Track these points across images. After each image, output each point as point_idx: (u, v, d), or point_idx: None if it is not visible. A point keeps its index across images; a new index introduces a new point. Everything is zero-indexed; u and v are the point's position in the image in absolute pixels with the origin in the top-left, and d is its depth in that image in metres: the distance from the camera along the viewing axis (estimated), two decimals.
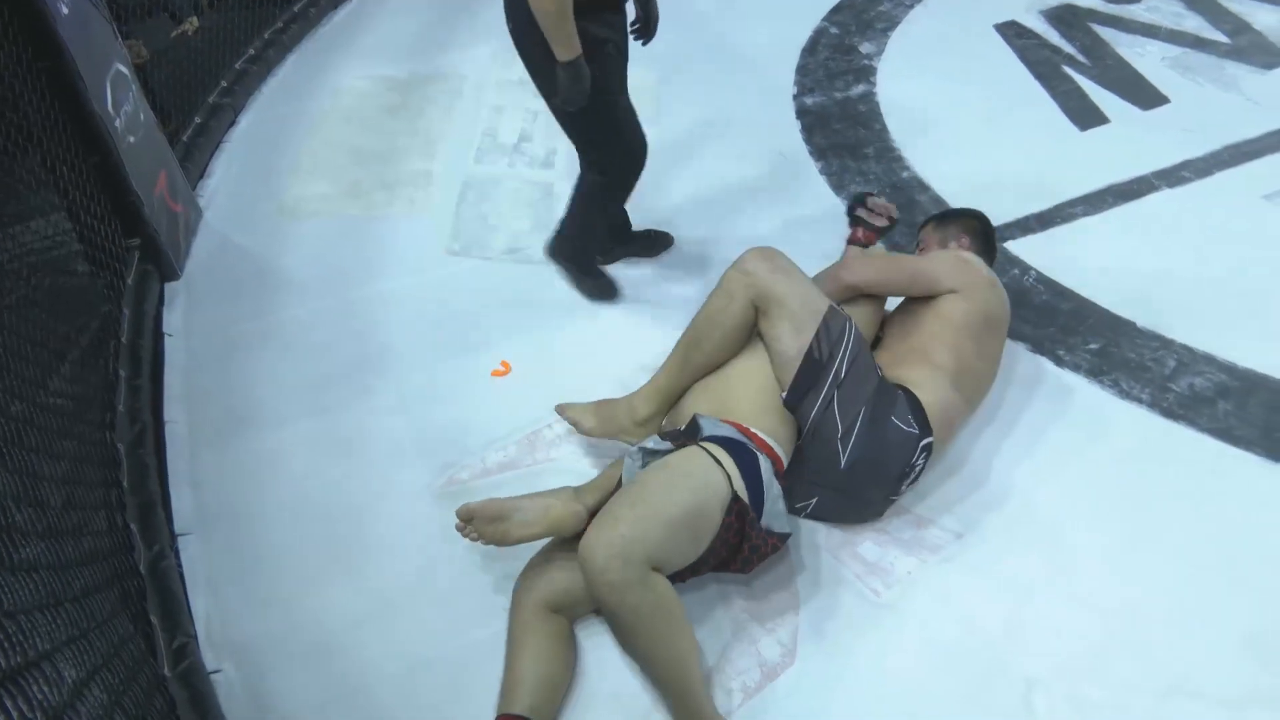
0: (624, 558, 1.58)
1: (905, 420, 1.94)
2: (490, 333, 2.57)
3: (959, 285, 2.14)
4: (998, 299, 2.19)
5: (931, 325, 2.12)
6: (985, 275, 2.20)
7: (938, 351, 2.08)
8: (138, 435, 2.19)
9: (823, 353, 1.92)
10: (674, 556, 1.70)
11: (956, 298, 2.12)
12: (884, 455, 1.94)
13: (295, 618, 1.93)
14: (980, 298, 2.14)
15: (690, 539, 1.72)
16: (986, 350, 2.16)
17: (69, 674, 1.34)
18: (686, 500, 1.71)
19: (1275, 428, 2.26)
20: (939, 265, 2.19)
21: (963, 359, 2.09)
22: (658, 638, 1.65)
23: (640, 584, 1.60)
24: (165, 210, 2.71)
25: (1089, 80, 3.56)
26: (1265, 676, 1.79)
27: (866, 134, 3.34)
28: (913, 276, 2.20)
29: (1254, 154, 3.17)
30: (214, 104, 3.39)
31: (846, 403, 1.92)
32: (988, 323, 2.14)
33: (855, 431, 1.92)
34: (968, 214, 2.46)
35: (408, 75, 3.72)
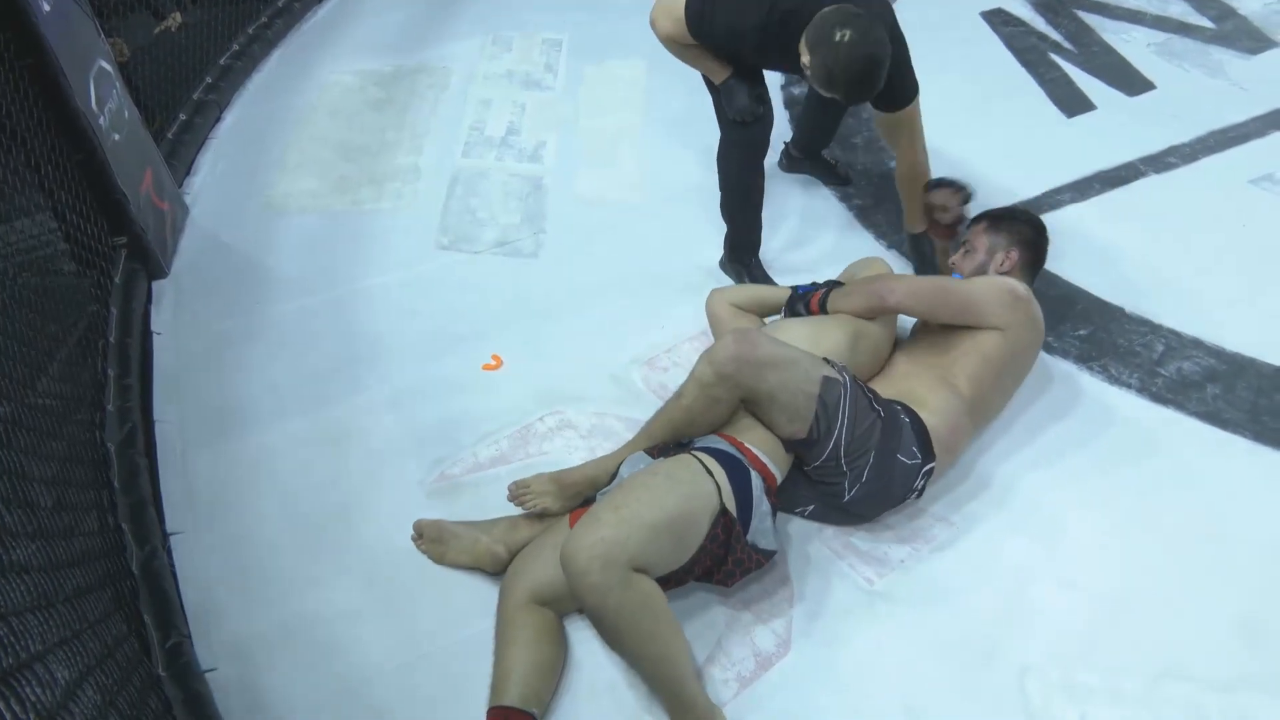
0: (605, 559, 1.58)
1: (910, 453, 1.92)
2: (480, 327, 2.57)
3: (1005, 324, 2.07)
4: (1036, 338, 2.15)
5: (963, 354, 2.07)
6: (1031, 315, 2.12)
7: (961, 380, 2.04)
8: (128, 435, 2.18)
9: (820, 431, 1.87)
10: (656, 560, 1.68)
11: (997, 335, 2.07)
12: (887, 487, 1.94)
13: (289, 615, 1.93)
14: (1021, 338, 2.10)
15: (674, 545, 1.71)
16: (1008, 385, 2.16)
17: (62, 675, 1.34)
18: (673, 505, 1.70)
19: (1263, 410, 2.27)
20: (988, 302, 2.09)
21: (983, 391, 2.07)
22: (644, 636, 1.64)
23: (622, 585, 1.59)
24: (151, 208, 2.69)
25: (1075, 67, 3.57)
26: (1255, 659, 1.81)
27: (854, 123, 3.34)
28: (958, 312, 2.10)
29: (1240, 139, 3.18)
30: (199, 100, 3.37)
31: (851, 457, 1.89)
32: (1018, 360, 2.13)
33: (863, 475, 1.91)
34: (1023, 221, 2.34)
35: (393, 69, 3.70)
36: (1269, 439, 2.21)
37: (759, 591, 1.94)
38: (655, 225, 2.90)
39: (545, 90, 3.59)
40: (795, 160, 3.08)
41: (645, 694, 1.77)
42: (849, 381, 1.92)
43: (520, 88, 3.61)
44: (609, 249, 2.84)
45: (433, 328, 2.58)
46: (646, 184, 3.10)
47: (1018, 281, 2.17)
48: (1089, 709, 1.74)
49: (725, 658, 1.84)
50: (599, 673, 1.82)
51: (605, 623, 1.64)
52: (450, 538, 1.98)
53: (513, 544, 1.94)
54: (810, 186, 3.08)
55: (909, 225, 2.61)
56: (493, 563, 1.94)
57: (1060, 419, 2.28)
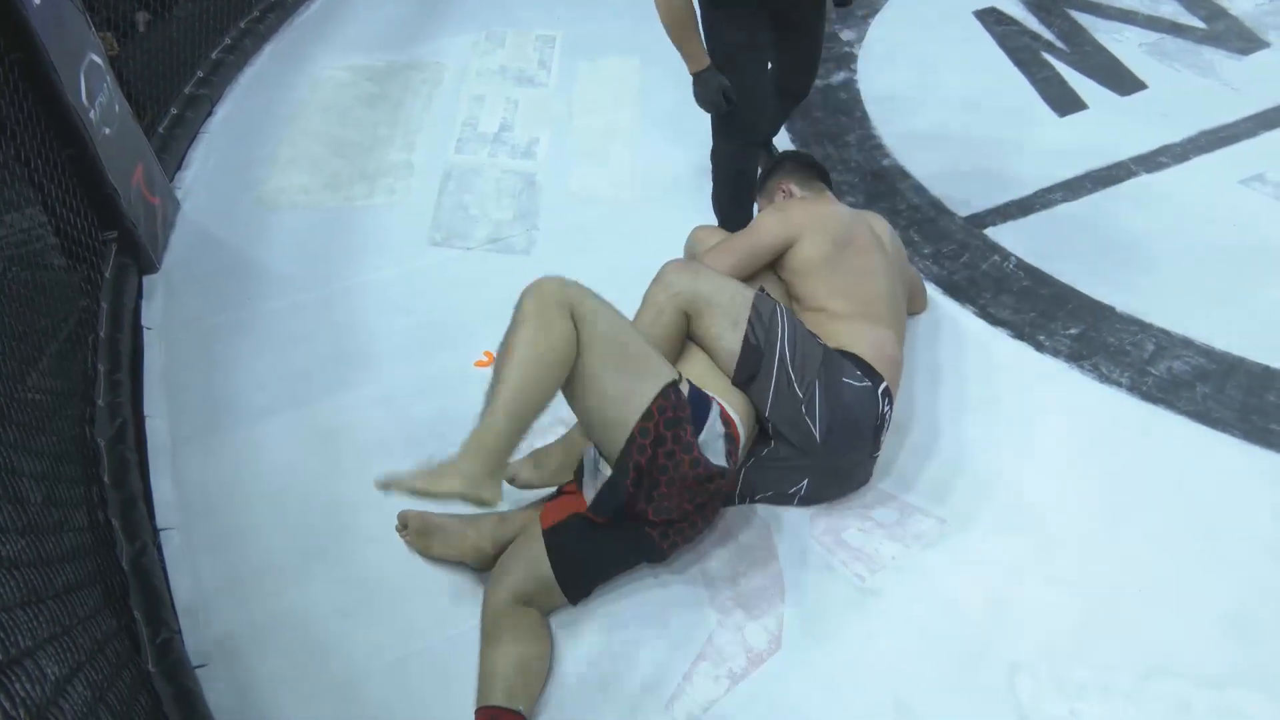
0: (563, 283, 1.74)
1: (855, 376, 1.98)
2: (472, 323, 2.56)
3: (790, 234, 2.16)
4: (834, 218, 2.19)
5: (802, 284, 2.16)
6: (805, 208, 2.22)
7: (829, 305, 2.11)
8: (118, 430, 2.18)
9: (759, 338, 1.95)
10: (597, 345, 1.72)
11: (798, 246, 2.15)
12: (852, 415, 1.96)
13: (280, 611, 1.92)
14: (813, 230, 2.15)
15: (619, 352, 1.75)
16: (860, 265, 2.16)
17: (52, 671, 1.33)
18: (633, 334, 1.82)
19: (1252, 409, 2.29)
20: (764, 229, 2.21)
21: (851, 293, 2.11)
22: (519, 356, 1.67)
23: (551, 307, 1.70)
24: (143, 203, 2.68)
25: (1067, 66, 3.58)
26: (1245, 655, 1.82)
27: (847, 121, 3.35)
28: (750, 250, 2.20)
29: (1230, 139, 3.19)
30: (190, 95, 3.35)
31: (799, 378, 1.95)
32: (839, 244, 2.15)
33: (816, 402, 1.94)
34: (776, 161, 2.48)
35: (386, 65, 3.69)
36: (1258, 438, 2.23)
37: (751, 589, 1.94)
38: (648, 222, 2.90)
39: (538, 87, 3.59)
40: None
41: (635, 690, 1.78)
42: (782, 307, 2.02)
43: (514, 84, 3.60)
44: (602, 246, 2.84)
45: (425, 324, 2.58)
46: (639, 181, 3.10)
47: (776, 205, 2.30)
48: (1079, 705, 1.75)
49: (717, 654, 1.84)
50: (589, 669, 1.82)
51: (513, 322, 1.72)
52: (436, 530, 1.98)
53: (500, 540, 1.93)
54: None
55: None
56: (478, 558, 1.94)
57: (1051, 417, 2.29)
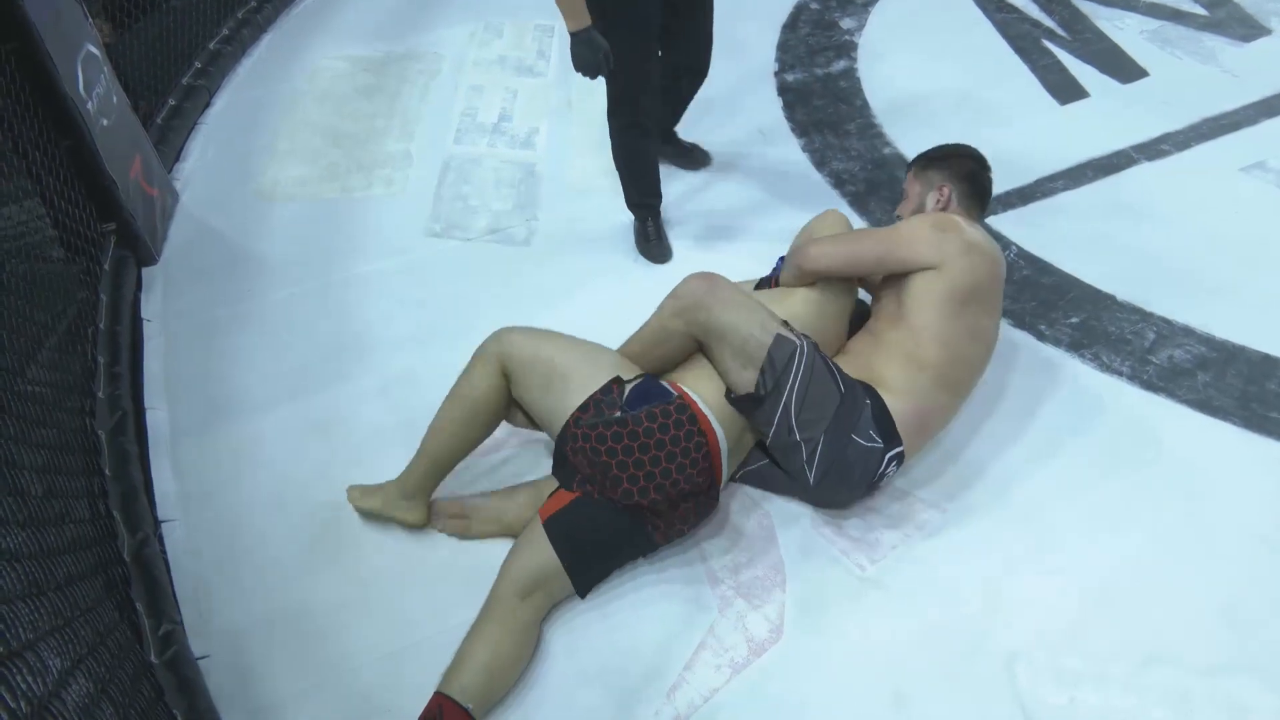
0: (495, 339, 1.94)
1: (867, 436, 1.87)
2: (472, 314, 2.56)
3: (935, 260, 1.93)
4: (984, 264, 1.95)
5: (913, 311, 1.94)
6: (965, 240, 1.95)
7: (924, 344, 1.93)
8: (118, 422, 2.18)
9: (766, 387, 1.85)
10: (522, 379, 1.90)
11: (935, 275, 1.93)
12: (849, 469, 1.89)
13: (280, 603, 1.93)
14: (962, 269, 1.92)
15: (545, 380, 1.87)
16: (978, 325, 1.98)
17: (54, 663, 1.33)
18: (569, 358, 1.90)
19: (1252, 398, 2.29)
20: (909, 239, 1.97)
21: (952, 346, 1.94)
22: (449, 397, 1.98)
23: (479, 360, 1.95)
24: (141, 194, 2.67)
25: (1068, 54, 3.57)
26: (1242, 644, 1.82)
27: (848, 110, 3.33)
28: (881, 258, 2.00)
29: (1232, 126, 3.18)
30: (188, 85, 3.34)
31: (801, 430, 1.86)
32: (974, 295, 1.94)
33: (817, 454, 1.88)
34: (954, 154, 2.20)
35: (384, 55, 3.67)
36: (1258, 426, 2.23)
37: (752, 578, 1.95)
38: None
39: (537, 76, 3.57)
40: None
41: (637, 679, 1.78)
42: (807, 347, 1.88)
43: (512, 74, 3.59)
44: (601, 235, 2.83)
45: (424, 316, 2.57)
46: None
47: (934, 215, 2.03)
48: (1077, 694, 1.75)
49: (718, 643, 1.84)
50: (591, 658, 1.83)
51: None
52: (474, 511, 2.03)
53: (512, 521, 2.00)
54: (802, 174, 3.07)
55: None
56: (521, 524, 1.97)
57: (1051, 406, 2.29)
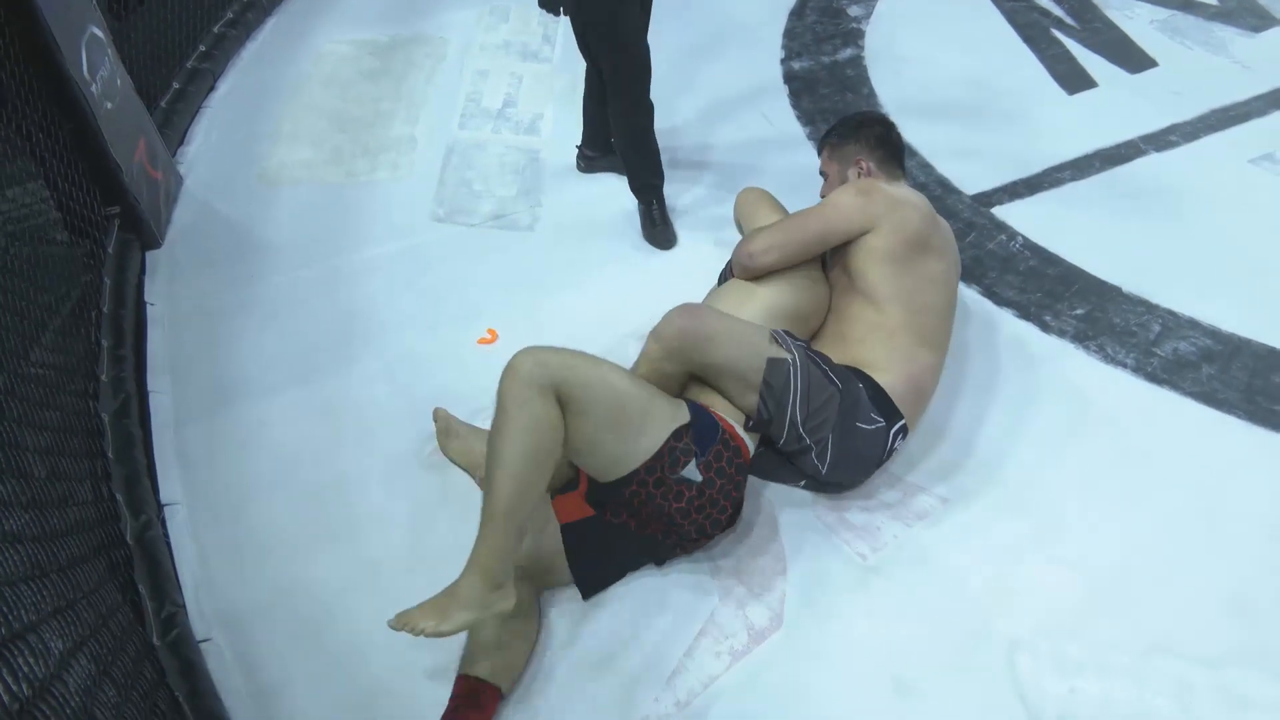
0: (543, 363, 1.64)
1: (869, 420, 1.91)
2: (476, 300, 2.56)
3: (867, 223, 2.00)
4: (913, 213, 2.01)
5: (863, 277, 2.00)
6: (888, 196, 2.03)
7: (885, 309, 1.98)
8: (121, 405, 2.18)
9: (770, 411, 1.87)
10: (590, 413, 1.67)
11: (872, 237, 1.99)
12: (860, 454, 1.95)
13: (283, 586, 1.93)
14: (894, 224, 1.99)
15: (614, 417, 1.70)
16: (930, 271, 2.02)
17: (56, 645, 1.34)
18: (629, 387, 1.74)
19: (1257, 391, 2.28)
20: (837, 210, 2.04)
21: (912, 301, 1.99)
22: (510, 448, 1.62)
23: (532, 389, 1.62)
24: (145, 178, 2.67)
25: (1077, 43, 3.54)
26: (1244, 635, 1.82)
27: (855, 98, 3.32)
28: (820, 236, 2.05)
29: (1241, 118, 3.16)
30: (193, 68, 3.34)
31: (810, 434, 1.89)
32: (915, 244, 2.00)
33: (828, 449, 1.91)
34: (860, 124, 2.23)
35: (389, 39, 3.66)
36: (1263, 419, 2.22)
37: (753, 567, 1.95)
38: None
39: (543, 62, 3.56)
40: (592, 160, 2.97)
41: (637, 666, 1.78)
42: (798, 359, 1.89)
43: (518, 59, 3.57)
44: (605, 222, 2.82)
45: (428, 301, 2.57)
46: None
47: (855, 184, 2.09)
48: (1078, 683, 1.75)
49: (718, 631, 1.85)
50: (591, 645, 1.83)
51: (499, 410, 1.65)
52: (454, 436, 2.12)
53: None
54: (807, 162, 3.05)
55: None
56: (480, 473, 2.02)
57: (1055, 397, 2.28)
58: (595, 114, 2.85)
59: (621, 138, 2.67)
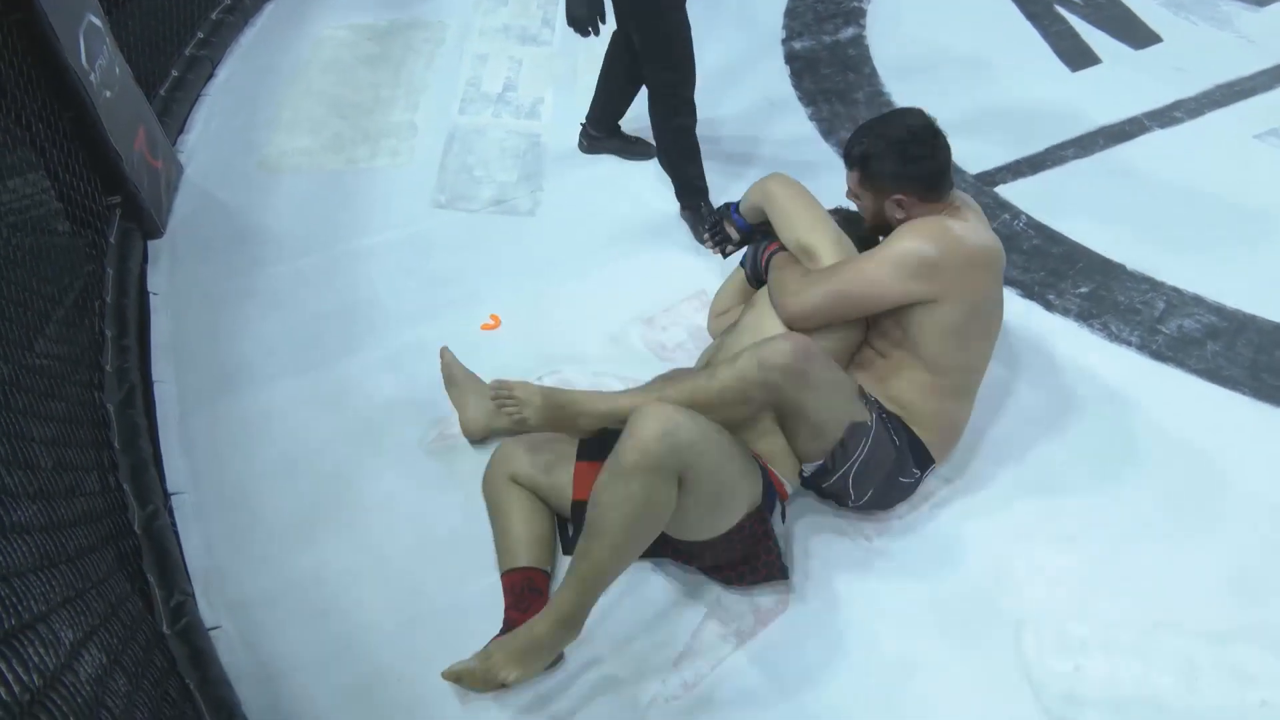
0: (673, 443, 1.54)
1: (910, 474, 1.92)
2: (478, 286, 2.55)
3: (932, 294, 1.78)
4: (984, 276, 1.81)
5: (919, 342, 1.84)
6: (959, 262, 1.76)
7: (939, 372, 1.87)
8: (126, 395, 2.18)
9: (834, 464, 1.84)
10: (695, 494, 1.62)
11: (934, 306, 1.79)
12: (893, 498, 1.98)
13: (291, 574, 1.94)
14: (963, 295, 1.79)
15: (713, 499, 1.69)
16: (986, 328, 1.92)
17: (66, 635, 1.35)
18: (734, 474, 1.71)
19: (1263, 368, 2.27)
20: (895, 286, 1.78)
21: (970, 365, 1.93)
22: (619, 534, 1.58)
23: (661, 474, 1.54)
24: (145, 166, 2.66)
25: (1080, 19, 3.51)
26: (1248, 611, 1.83)
27: (856, 78, 3.30)
28: (873, 308, 1.86)
29: (1246, 93, 3.14)
30: (191, 56, 3.32)
31: (858, 487, 1.89)
32: (980, 313, 1.86)
33: (867, 499, 1.93)
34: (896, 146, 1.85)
35: (388, 23, 3.64)
36: (1268, 396, 2.21)
37: None
38: (653, 182, 2.87)
39: (543, 45, 3.54)
40: (595, 140, 2.96)
41: (644, 648, 1.79)
42: (875, 423, 1.83)
43: (517, 43, 3.55)
44: (607, 207, 2.82)
45: (430, 287, 2.57)
46: (644, 138, 3.06)
47: (920, 237, 1.78)
48: (1083, 661, 1.76)
49: (724, 613, 1.85)
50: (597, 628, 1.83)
51: (621, 464, 1.56)
52: (451, 382, 2.15)
53: (493, 426, 2.08)
54: (810, 143, 3.04)
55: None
56: (467, 427, 2.11)
57: (1060, 377, 2.28)
58: (611, 93, 2.83)
59: (672, 148, 2.64)
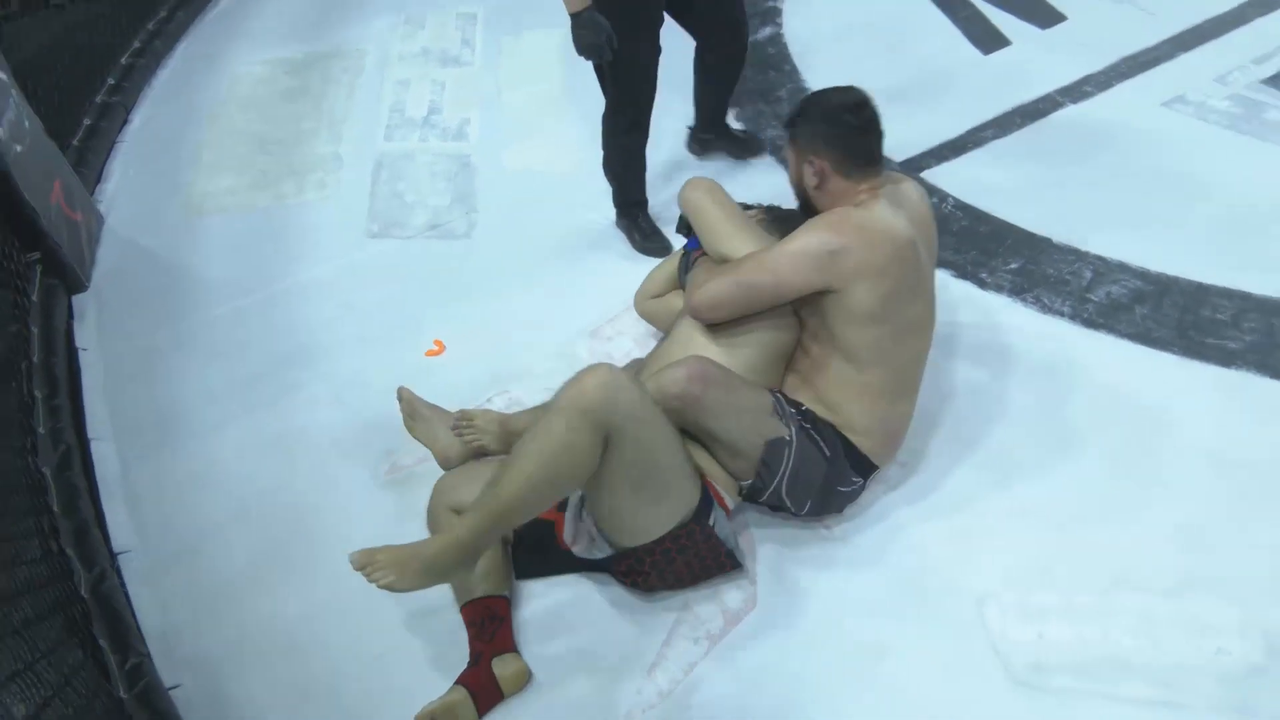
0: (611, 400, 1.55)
1: (849, 482, 1.90)
2: (419, 313, 2.53)
3: (830, 284, 1.74)
4: (889, 263, 1.73)
5: (837, 334, 1.80)
6: (860, 246, 1.71)
7: (865, 370, 1.82)
8: (63, 457, 2.12)
9: (761, 483, 1.84)
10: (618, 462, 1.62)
11: (844, 296, 1.74)
12: (835, 505, 1.96)
13: (251, 622, 1.90)
14: (870, 282, 1.72)
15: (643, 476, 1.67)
16: (910, 318, 1.82)
17: (18, 709, 1.30)
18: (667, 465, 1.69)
19: (1189, 326, 2.35)
20: (796, 274, 1.76)
21: (893, 358, 1.84)
22: (538, 457, 1.57)
23: (588, 421, 1.55)
24: (64, 220, 2.59)
25: (987, 3, 3.61)
26: (1198, 564, 1.88)
27: (777, 76, 3.34)
28: (774, 294, 1.82)
29: (1150, 63, 3.25)
30: (103, 103, 3.24)
31: (793, 502, 1.88)
32: (895, 299, 1.76)
33: (806, 508, 1.91)
34: (813, 113, 1.84)
35: (305, 56, 3.59)
36: (1196, 353, 2.29)
37: None
38: (588, 193, 2.87)
39: (464, 66, 3.52)
40: (705, 142, 2.99)
41: (616, 660, 1.79)
42: (795, 436, 1.81)
43: (438, 65, 3.53)
44: (543, 221, 2.81)
45: (370, 318, 2.54)
46: (575, 151, 3.07)
47: (821, 228, 1.76)
48: (1045, 628, 1.80)
49: (693, 617, 1.86)
50: (568, 644, 1.83)
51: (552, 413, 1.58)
52: (419, 418, 2.07)
53: (466, 452, 2.01)
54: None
55: None
56: (442, 456, 2.03)
57: (998, 352, 2.33)
58: (706, 94, 2.85)
59: (615, 158, 2.65)
